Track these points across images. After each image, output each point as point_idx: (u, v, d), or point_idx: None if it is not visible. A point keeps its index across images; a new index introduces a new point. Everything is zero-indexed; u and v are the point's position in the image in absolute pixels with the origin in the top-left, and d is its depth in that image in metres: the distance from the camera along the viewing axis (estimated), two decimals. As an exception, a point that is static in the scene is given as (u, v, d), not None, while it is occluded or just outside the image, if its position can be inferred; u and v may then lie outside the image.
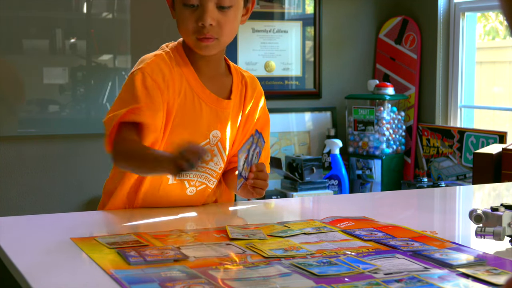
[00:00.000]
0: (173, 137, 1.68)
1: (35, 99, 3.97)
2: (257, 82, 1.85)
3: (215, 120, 1.73)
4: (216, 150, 1.74)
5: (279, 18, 4.48)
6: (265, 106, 1.86)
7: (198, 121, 1.70)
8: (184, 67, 1.70)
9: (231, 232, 1.45)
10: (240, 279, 1.15)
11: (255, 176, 1.65)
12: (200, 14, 1.64)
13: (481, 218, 1.38)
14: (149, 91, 1.62)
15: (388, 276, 1.17)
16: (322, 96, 4.60)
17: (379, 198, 2.20)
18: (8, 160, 3.84)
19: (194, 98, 1.70)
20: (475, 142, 4.11)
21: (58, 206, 3.87)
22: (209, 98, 1.72)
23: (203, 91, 1.71)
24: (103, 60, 4.08)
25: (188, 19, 1.65)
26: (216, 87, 1.75)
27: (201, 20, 1.64)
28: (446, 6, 4.37)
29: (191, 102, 1.69)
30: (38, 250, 1.36)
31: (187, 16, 1.65)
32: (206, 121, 1.71)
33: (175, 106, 1.67)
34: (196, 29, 1.65)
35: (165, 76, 1.65)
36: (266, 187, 1.68)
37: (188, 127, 1.69)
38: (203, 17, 1.63)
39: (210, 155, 1.71)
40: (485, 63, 4.69)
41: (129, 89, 1.64)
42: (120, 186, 1.71)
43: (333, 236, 1.44)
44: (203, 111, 1.71)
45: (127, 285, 1.11)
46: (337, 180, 4.28)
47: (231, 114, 1.76)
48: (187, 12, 1.65)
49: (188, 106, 1.69)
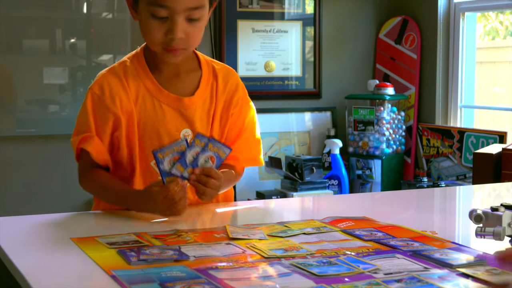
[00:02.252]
0: (145, 145, 1.70)
1: (35, 99, 3.97)
2: (232, 73, 1.80)
3: (180, 120, 1.71)
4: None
5: (279, 18, 4.48)
6: (245, 97, 1.81)
7: (163, 124, 1.70)
8: (142, 73, 1.70)
9: (231, 232, 1.45)
10: (240, 279, 1.15)
11: (196, 178, 1.58)
12: (169, 27, 1.61)
13: (481, 218, 1.38)
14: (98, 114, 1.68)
15: (388, 276, 1.17)
16: (322, 96, 4.60)
17: (379, 198, 2.20)
18: (8, 160, 3.84)
19: (154, 102, 1.69)
20: (475, 142, 4.11)
21: (58, 206, 3.87)
22: (168, 98, 1.70)
23: (162, 93, 1.70)
24: (103, 60, 4.08)
25: (156, 30, 1.62)
26: (180, 85, 1.73)
27: (171, 34, 1.61)
28: (446, 6, 4.37)
29: (152, 107, 1.69)
30: (38, 250, 1.36)
31: (155, 27, 1.62)
32: (172, 122, 1.70)
33: (135, 114, 1.68)
34: (164, 41, 1.63)
35: (113, 90, 1.67)
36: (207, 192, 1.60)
37: (154, 131, 1.70)
38: (173, 31, 1.61)
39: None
40: (485, 63, 4.69)
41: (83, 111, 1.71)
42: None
43: (333, 236, 1.44)
44: (166, 113, 1.70)
45: (127, 285, 1.11)
46: (337, 180, 4.28)
47: (199, 110, 1.73)
48: (155, 23, 1.62)
49: (149, 111, 1.69)
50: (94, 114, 1.68)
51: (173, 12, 1.60)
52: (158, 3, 1.59)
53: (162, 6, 1.59)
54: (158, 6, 1.60)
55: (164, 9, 1.60)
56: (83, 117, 1.70)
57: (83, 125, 1.70)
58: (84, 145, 1.69)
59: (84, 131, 1.69)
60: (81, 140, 1.69)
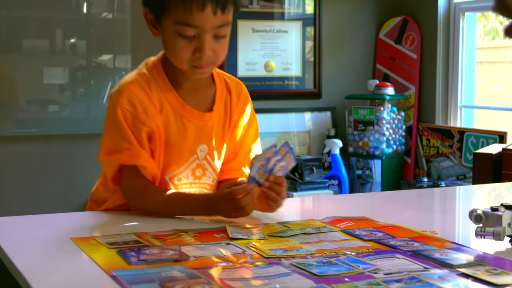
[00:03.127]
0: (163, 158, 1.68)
1: (35, 99, 3.97)
2: (242, 86, 1.80)
3: (200, 135, 1.70)
4: (206, 163, 1.73)
5: (279, 18, 4.48)
6: (252, 109, 1.82)
7: (184, 139, 1.69)
8: (163, 87, 1.67)
9: (231, 232, 1.45)
10: (240, 279, 1.15)
11: (270, 186, 1.58)
12: (198, 46, 1.59)
13: (481, 218, 1.38)
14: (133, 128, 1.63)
15: (388, 276, 1.17)
16: (322, 96, 4.60)
17: (379, 198, 2.20)
18: (8, 160, 3.84)
19: (176, 117, 1.67)
20: (475, 142, 4.11)
21: (58, 206, 3.87)
22: (191, 114, 1.69)
23: (184, 108, 1.68)
24: (103, 60, 4.08)
25: (184, 49, 1.60)
26: (198, 100, 1.72)
27: (199, 53, 1.59)
28: (446, 6, 4.37)
29: (174, 121, 1.67)
30: (38, 250, 1.36)
31: (183, 47, 1.60)
32: (192, 137, 1.69)
33: (161, 127, 1.66)
34: (192, 59, 1.61)
35: (143, 103, 1.64)
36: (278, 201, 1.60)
37: (175, 145, 1.68)
38: (202, 49, 1.59)
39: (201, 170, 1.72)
40: (485, 63, 4.69)
41: (116, 127, 1.63)
42: (115, 198, 1.71)
43: (333, 236, 1.44)
44: (187, 129, 1.69)
45: (127, 285, 1.11)
46: (337, 180, 4.28)
47: (216, 125, 1.73)
48: (182, 42, 1.59)
49: (172, 125, 1.67)
50: (130, 129, 1.62)
51: (202, 31, 1.58)
52: (187, 23, 1.57)
53: (190, 26, 1.57)
54: (186, 26, 1.57)
55: (192, 29, 1.58)
56: (117, 134, 1.63)
57: (121, 141, 1.62)
58: (133, 161, 1.62)
59: (126, 148, 1.62)
60: (127, 157, 1.62)
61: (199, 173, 1.72)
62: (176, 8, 1.57)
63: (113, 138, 1.65)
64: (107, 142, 1.66)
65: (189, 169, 1.71)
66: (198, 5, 1.56)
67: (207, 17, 1.57)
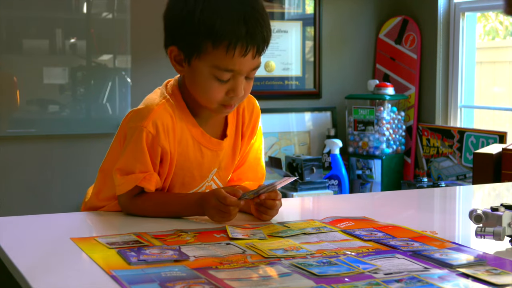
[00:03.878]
0: (174, 179, 1.69)
1: (35, 99, 3.97)
2: (254, 101, 1.79)
3: (215, 161, 1.71)
4: (213, 184, 1.74)
5: (279, 18, 4.48)
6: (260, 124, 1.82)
7: (200, 165, 1.69)
8: (183, 114, 1.67)
9: (231, 232, 1.45)
10: (240, 279, 1.15)
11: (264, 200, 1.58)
12: (233, 87, 1.58)
13: (481, 218, 1.38)
14: (151, 151, 1.62)
15: (388, 276, 1.17)
16: (322, 96, 4.60)
17: (379, 198, 2.20)
18: (7, 160, 3.84)
19: (195, 145, 1.68)
20: (475, 142, 4.11)
21: (58, 206, 3.87)
22: (210, 142, 1.69)
23: (204, 137, 1.68)
24: (103, 60, 4.08)
25: (218, 90, 1.59)
26: (213, 126, 1.72)
27: (234, 93, 1.59)
28: (446, 6, 4.37)
29: (192, 149, 1.68)
30: (38, 250, 1.36)
31: (217, 88, 1.58)
32: (207, 164, 1.70)
33: (176, 154, 1.66)
34: (224, 99, 1.60)
35: (167, 128, 1.63)
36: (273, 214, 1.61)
37: (190, 171, 1.69)
38: (237, 91, 1.58)
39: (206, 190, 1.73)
40: (485, 63, 4.69)
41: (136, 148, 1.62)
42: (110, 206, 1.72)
43: (333, 236, 1.44)
44: (204, 156, 1.69)
45: (127, 285, 1.11)
46: (337, 180, 4.28)
47: (228, 148, 1.74)
48: (216, 84, 1.58)
49: (190, 153, 1.67)
50: (149, 152, 1.63)
51: (238, 73, 1.58)
52: (226, 68, 1.56)
53: (229, 71, 1.57)
54: (224, 71, 1.57)
55: (230, 73, 1.57)
56: (135, 155, 1.63)
57: (137, 164, 1.63)
58: (143, 184, 1.63)
59: (140, 171, 1.63)
60: (143, 181, 1.63)
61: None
62: (217, 52, 1.55)
63: (132, 157, 1.63)
64: (125, 160, 1.64)
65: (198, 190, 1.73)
66: (242, 50, 1.54)
67: (246, 62, 1.56)
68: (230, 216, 1.55)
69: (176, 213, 1.63)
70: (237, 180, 1.81)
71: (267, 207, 1.59)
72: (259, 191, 1.57)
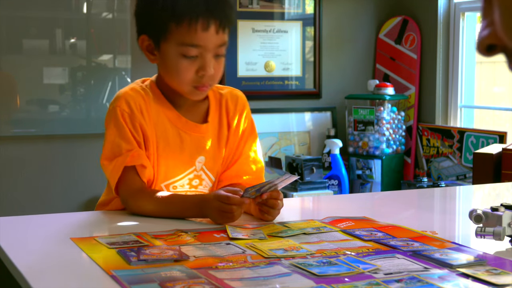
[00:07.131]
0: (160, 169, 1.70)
1: (35, 99, 3.97)
2: (238, 95, 1.82)
3: (197, 147, 1.73)
4: (203, 174, 1.75)
5: (279, 18, 4.48)
6: (250, 116, 1.83)
7: (181, 150, 1.71)
8: (158, 99, 1.71)
9: (231, 232, 1.45)
10: (240, 279, 1.15)
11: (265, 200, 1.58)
12: (201, 65, 1.64)
13: (481, 218, 1.38)
14: (132, 129, 1.66)
15: (388, 276, 1.17)
16: (322, 96, 4.60)
17: (379, 198, 2.20)
18: (7, 160, 3.84)
19: (173, 129, 1.71)
20: (475, 142, 4.11)
21: (58, 206, 3.87)
22: (187, 126, 1.72)
23: (180, 120, 1.72)
24: (103, 60, 4.08)
25: (187, 69, 1.64)
26: (193, 114, 1.75)
27: (203, 71, 1.64)
28: (446, 6, 4.37)
29: (171, 134, 1.70)
30: (38, 250, 1.36)
31: (186, 67, 1.64)
32: (189, 149, 1.72)
33: (154, 136, 1.68)
34: (195, 79, 1.65)
35: (140, 106, 1.68)
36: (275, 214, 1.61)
37: (171, 157, 1.71)
38: (206, 68, 1.64)
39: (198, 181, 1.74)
40: (485, 63, 4.69)
41: (116, 129, 1.67)
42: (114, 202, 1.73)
43: (333, 236, 1.44)
44: (184, 141, 1.71)
45: (127, 285, 1.11)
46: (337, 180, 4.28)
47: (212, 137, 1.75)
48: (185, 63, 1.64)
49: (169, 137, 1.70)
50: (129, 129, 1.66)
51: (205, 50, 1.63)
52: (191, 43, 1.62)
53: (194, 46, 1.62)
54: (190, 46, 1.62)
55: (196, 48, 1.63)
56: (117, 135, 1.65)
57: (121, 143, 1.65)
58: (134, 161, 1.63)
59: (127, 149, 1.64)
60: (129, 158, 1.64)
61: (195, 182, 1.76)
62: (180, 29, 1.62)
63: (114, 140, 1.67)
64: (108, 146, 1.68)
65: (186, 179, 1.74)
66: (203, 25, 1.61)
67: (210, 37, 1.63)
68: (234, 217, 1.55)
69: (176, 213, 1.63)
70: (236, 176, 1.80)
71: (269, 207, 1.59)
72: (261, 188, 1.57)
